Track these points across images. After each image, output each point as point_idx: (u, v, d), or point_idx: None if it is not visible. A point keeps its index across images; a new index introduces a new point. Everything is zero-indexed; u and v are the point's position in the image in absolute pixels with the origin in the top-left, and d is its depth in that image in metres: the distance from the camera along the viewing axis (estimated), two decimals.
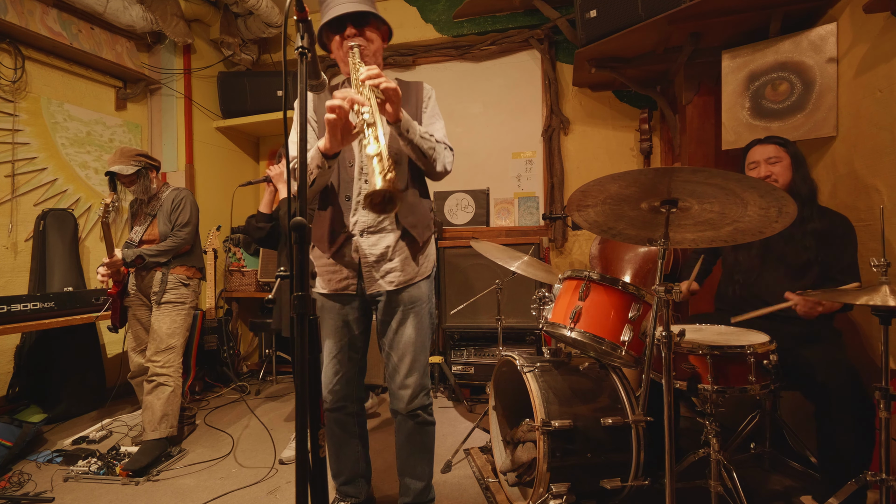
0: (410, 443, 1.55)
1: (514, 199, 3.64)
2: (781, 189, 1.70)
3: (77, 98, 3.12)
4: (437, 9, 3.62)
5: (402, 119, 1.32)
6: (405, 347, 1.49)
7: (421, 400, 1.50)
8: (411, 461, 1.56)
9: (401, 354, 1.49)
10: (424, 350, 1.53)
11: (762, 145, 1.85)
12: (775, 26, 2.27)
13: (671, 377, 1.20)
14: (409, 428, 1.53)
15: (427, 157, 1.42)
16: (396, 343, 1.50)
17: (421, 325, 1.51)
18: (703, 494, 1.47)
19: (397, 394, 1.50)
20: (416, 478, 1.56)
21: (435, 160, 1.44)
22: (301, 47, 0.89)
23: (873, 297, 1.20)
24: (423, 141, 1.39)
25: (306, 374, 0.80)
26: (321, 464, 0.85)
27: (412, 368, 1.49)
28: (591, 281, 1.57)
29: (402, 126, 1.33)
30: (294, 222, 0.81)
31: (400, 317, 1.49)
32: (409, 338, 1.49)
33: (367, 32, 1.44)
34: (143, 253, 2.24)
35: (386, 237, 1.48)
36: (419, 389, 1.50)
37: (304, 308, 0.82)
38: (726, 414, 2.29)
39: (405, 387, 1.49)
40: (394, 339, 1.51)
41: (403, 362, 1.49)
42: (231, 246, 3.82)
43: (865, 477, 1.29)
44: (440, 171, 1.48)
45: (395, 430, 1.57)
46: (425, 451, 1.57)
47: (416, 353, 1.50)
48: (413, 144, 1.38)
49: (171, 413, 2.25)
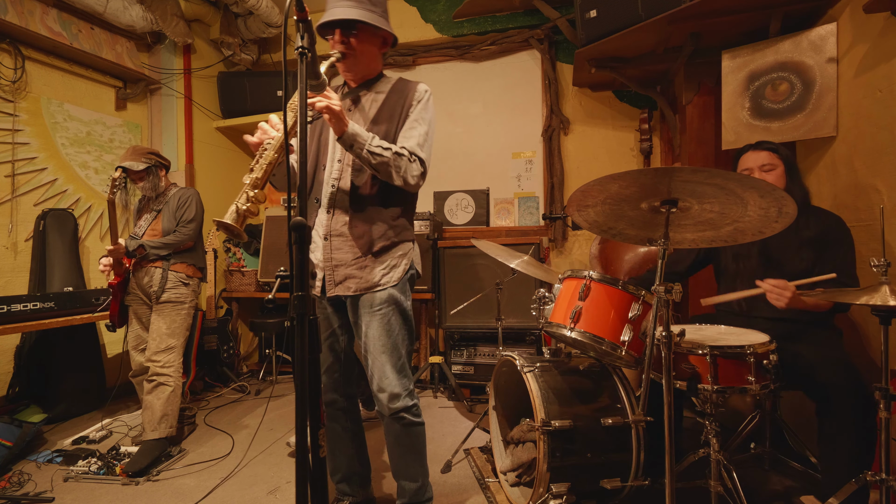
0: (399, 445, 1.54)
1: (514, 199, 3.64)
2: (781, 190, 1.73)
3: (77, 98, 3.12)
4: (437, 9, 3.62)
5: (344, 134, 1.33)
6: (375, 349, 1.47)
7: (403, 402, 1.48)
8: (403, 463, 1.56)
9: (372, 357, 1.48)
10: (396, 350, 1.48)
11: (754, 151, 1.81)
12: (775, 26, 2.27)
13: (671, 377, 1.20)
14: (396, 431, 1.51)
15: (377, 171, 1.41)
16: (367, 345, 1.49)
17: (389, 326, 1.48)
18: (703, 494, 1.47)
19: (378, 397, 1.49)
20: (409, 479, 1.56)
21: (389, 174, 1.41)
22: (301, 47, 0.89)
23: (873, 296, 1.20)
24: (371, 156, 1.37)
25: (306, 374, 0.80)
26: (321, 464, 0.85)
27: (384, 373, 1.47)
28: (592, 280, 1.57)
29: (345, 141, 1.34)
30: (294, 222, 0.81)
31: (366, 319, 1.48)
32: (378, 338, 1.47)
33: (352, 41, 1.43)
34: (145, 243, 2.25)
35: (345, 243, 1.49)
36: (397, 392, 1.47)
37: (304, 308, 0.82)
38: (726, 414, 2.29)
39: (381, 390, 1.47)
40: (365, 341, 1.49)
41: (376, 364, 1.47)
42: (231, 246, 3.82)
43: (865, 477, 1.29)
44: (399, 185, 1.44)
45: (385, 434, 1.56)
46: (416, 452, 1.56)
47: (388, 353, 1.47)
48: (361, 158, 1.38)
49: (171, 413, 2.25)
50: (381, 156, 1.38)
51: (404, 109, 1.51)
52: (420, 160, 1.46)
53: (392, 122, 1.50)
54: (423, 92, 1.54)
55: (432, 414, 2.74)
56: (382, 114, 1.51)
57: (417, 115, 1.51)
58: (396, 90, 1.54)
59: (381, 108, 1.51)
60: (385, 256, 1.51)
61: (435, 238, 3.16)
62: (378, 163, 1.38)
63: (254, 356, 3.99)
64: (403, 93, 1.53)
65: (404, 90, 1.53)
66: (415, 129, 1.49)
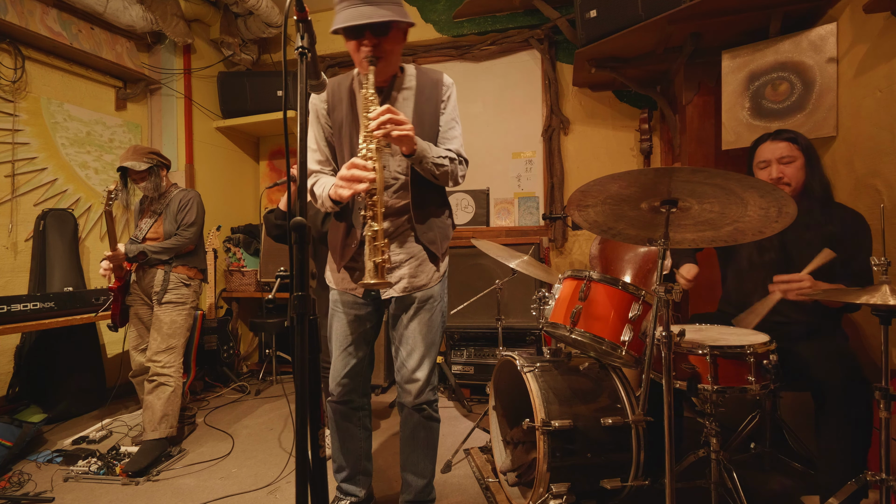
0: (414, 437, 1.56)
1: (514, 199, 3.64)
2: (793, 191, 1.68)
3: (77, 98, 3.12)
4: (437, 9, 3.62)
5: (415, 152, 1.33)
6: (415, 341, 1.50)
7: (427, 395, 1.52)
8: (414, 457, 1.57)
9: (410, 348, 1.50)
10: (434, 346, 1.53)
11: (773, 142, 1.72)
12: (775, 26, 2.27)
13: (671, 377, 1.20)
14: (415, 422, 1.54)
15: (438, 178, 1.45)
16: (406, 337, 1.51)
17: (431, 321, 1.53)
18: (703, 494, 1.47)
19: (405, 387, 1.51)
20: (417, 474, 1.57)
21: (447, 179, 1.47)
22: (301, 47, 0.89)
23: (873, 296, 1.20)
24: (436, 167, 1.40)
25: (306, 374, 0.80)
26: (321, 464, 0.85)
27: (421, 363, 1.50)
28: (592, 281, 1.57)
29: (416, 158, 1.35)
30: (294, 222, 0.81)
31: (411, 312, 1.51)
32: (419, 332, 1.50)
33: (386, 45, 1.34)
34: (146, 249, 2.25)
35: (406, 248, 1.50)
36: (426, 385, 1.51)
37: (304, 308, 0.82)
38: (726, 414, 2.29)
39: (413, 381, 1.50)
40: (404, 333, 1.52)
41: (412, 356, 1.50)
42: (231, 246, 3.82)
43: (865, 477, 1.29)
44: (452, 185, 1.52)
45: (401, 425, 1.59)
46: (429, 448, 1.57)
47: (426, 347, 1.51)
48: (424, 170, 1.41)
49: (172, 413, 2.25)
50: (444, 165, 1.42)
51: (436, 107, 1.51)
52: (465, 161, 1.53)
53: (428, 122, 1.49)
54: (450, 86, 1.54)
55: None
56: (419, 116, 1.48)
57: (451, 112, 1.52)
58: (423, 86, 1.51)
59: (416, 110, 1.49)
60: (444, 256, 1.58)
61: None
62: (441, 172, 1.42)
63: (254, 356, 3.99)
64: (432, 89, 1.51)
65: (432, 85, 1.51)
66: (454, 128, 1.52)
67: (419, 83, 1.51)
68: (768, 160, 1.72)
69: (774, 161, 1.70)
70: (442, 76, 1.54)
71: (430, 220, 1.52)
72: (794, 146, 1.70)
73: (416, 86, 1.51)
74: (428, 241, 1.51)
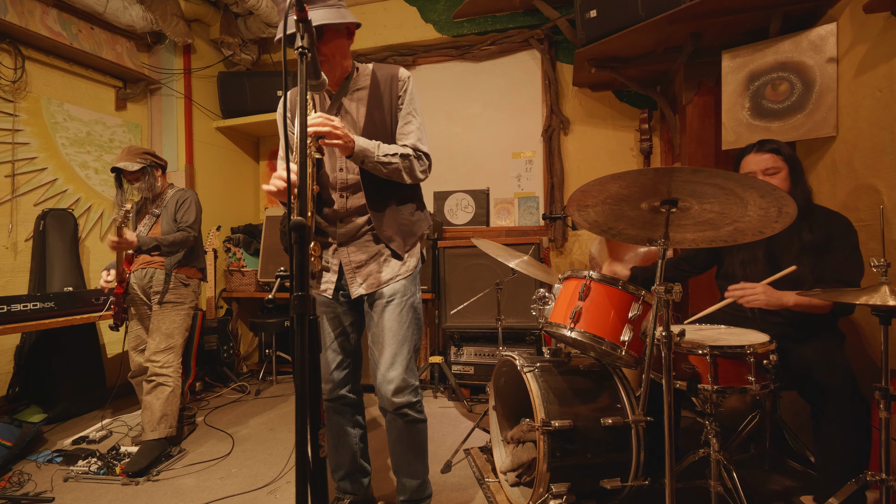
0: (402, 441, 1.52)
1: (514, 199, 3.64)
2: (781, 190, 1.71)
3: (77, 98, 3.12)
4: (437, 9, 3.62)
5: (354, 152, 1.33)
6: (384, 339, 1.46)
7: (407, 397, 1.46)
8: (404, 460, 1.55)
9: (381, 347, 1.47)
10: (406, 343, 1.48)
11: (757, 154, 1.76)
12: (775, 26, 2.27)
13: (671, 377, 1.20)
14: (399, 427, 1.50)
15: (390, 176, 1.43)
16: (377, 336, 1.49)
17: (401, 316, 1.48)
18: (703, 494, 1.47)
19: (381, 390, 1.47)
20: (411, 476, 1.55)
21: (402, 176, 1.44)
22: (301, 47, 0.89)
23: (873, 296, 1.20)
24: (382, 165, 1.39)
25: (306, 374, 0.80)
26: (321, 464, 0.85)
27: (393, 362, 1.45)
28: (592, 281, 1.57)
29: (356, 158, 1.35)
30: (294, 222, 0.81)
31: (380, 309, 1.49)
32: (388, 329, 1.46)
33: (322, 48, 1.36)
34: (159, 240, 2.25)
35: (367, 247, 1.50)
36: (402, 385, 1.45)
37: (304, 308, 0.82)
38: (726, 414, 2.29)
39: (387, 381, 1.45)
40: (374, 331, 1.50)
41: (384, 355, 1.46)
42: (231, 246, 3.82)
43: (865, 477, 1.29)
44: (411, 183, 1.49)
45: (386, 430, 1.55)
46: (418, 450, 1.55)
47: (397, 345, 1.46)
48: (372, 169, 1.40)
49: (171, 413, 2.25)
50: (391, 163, 1.40)
51: (392, 103, 1.48)
52: (424, 154, 1.49)
53: (384, 120, 1.48)
54: (406, 79, 1.50)
55: (432, 414, 2.73)
56: (372, 114, 1.48)
57: (408, 106, 1.49)
58: (376, 83, 1.49)
59: (369, 109, 1.48)
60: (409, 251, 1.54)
61: (435, 238, 3.16)
62: (390, 170, 1.41)
63: (254, 356, 3.99)
64: (385, 84, 1.48)
65: (385, 81, 1.49)
66: (410, 123, 1.49)
67: (373, 81, 1.49)
68: (753, 171, 1.75)
69: (759, 172, 1.74)
70: (398, 70, 1.50)
71: (389, 218, 1.49)
72: (778, 157, 1.73)
73: (369, 84, 1.49)
74: (387, 238, 1.49)
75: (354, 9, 3.76)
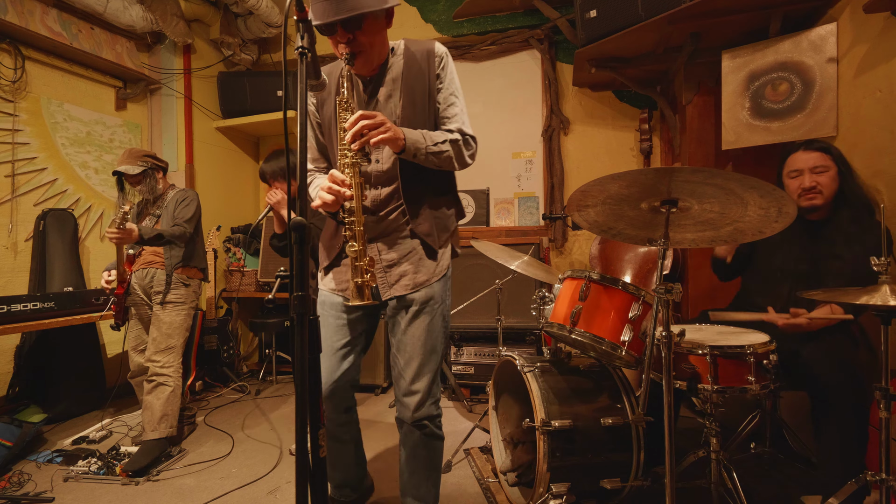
0: (415, 457, 1.42)
1: (514, 199, 3.64)
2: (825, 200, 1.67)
3: (77, 98, 3.12)
4: (437, 9, 3.62)
5: (405, 148, 1.24)
6: (413, 349, 1.36)
7: (428, 409, 1.37)
8: (414, 479, 1.44)
9: (408, 357, 1.37)
10: (435, 354, 1.39)
11: (806, 152, 1.71)
12: (775, 26, 2.27)
13: (671, 377, 1.20)
14: (415, 440, 1.40)
15: (442, 165, 1.34)
16: (404, 344, 1.38)
17: (432, 325, 1.38)
18: (703, 494, 1.47)
19: (403, 401, 1.38)
20: (419, 499, 1.44)
21: (452, 164, 1.35)
22: (301, 47, 0.89)
23: (873, 296, 1.20)
24: (434, 156, 1.30)
25: (306, 374, 0.80)
26: (321, 464, 0.85)
27: (420, 373, 1.36)
28: (592, 281, 1.57)
29: (408, 153, 1.26)
30: (294, 222, 0.81)
31: (410, 316, 1.37)
32: (418, 338, 1.36)
33: (361, 38, 1.24)
34: (161, 231, 2.23)
35: (401, 244, 1.38)
36: (426, 397, 1.36)
37: (304, 308, 0.82)
38: (726, 414, 2.29)
39: (411, 393, 1.36)
40: (402, 339, 1.38)
41: (410, 366, 1.36)
42: (231, 246, 3.82)
43: (865, 477, 1.29)
44: (460, 168, 1.40)
45: (400, 444, 1.46)
46: (431, 469, 1.44)
47: (426, 355, 1.37)
48: (423, 162, 1.30)
49: (171, 413, 2.25)
50: (444, 151, 1.31)
51: (431, 83, 1.37)
52: (471, 138, 1.39)
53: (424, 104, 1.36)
54: (444, 55, 1.38)
55: None
56: (412, 99, 1.35)
57: (449, 86, 1.38)
58: (411, 63, 1.36)
59: (408, 93, 1.35)
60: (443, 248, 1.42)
61: None
62: (441, 160, 1.32)
63: (254, 356, 3.99)
64: (422, 63, 1.36)
65: (422, 60, 1.37)
66: (454, 104, 1.38)
67: (408, 62, 1.36)
68: (800, 169, 1.72)
69: (807, 170, 1.70)
70: (434, 45, 1.38)
71: (425, 210, 1.38)
72: (826, 156, 1.70)
73: (403, 65, 1.36)
74: (423, 233, 1.37)
75: None
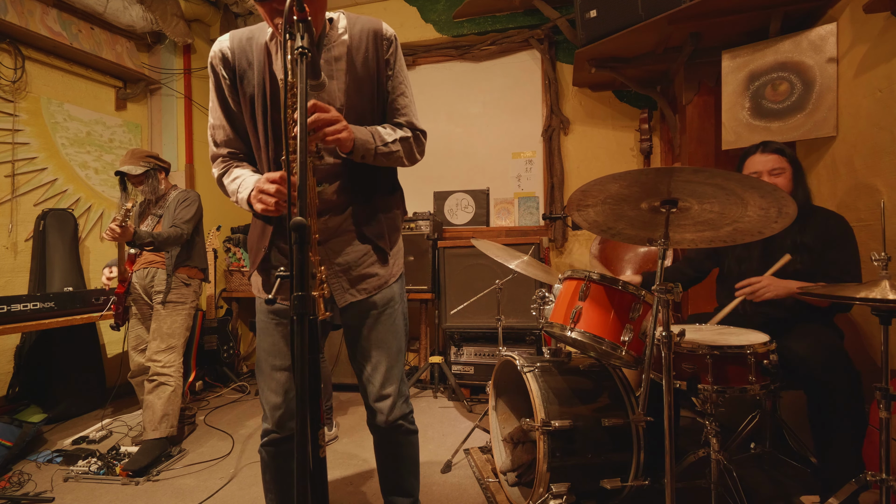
0: (396, 458, 1.41)
1: (514, 199, 3.64)
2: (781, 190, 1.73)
3: (77, 98, 3.12)
4: (437, 9, 3.62)
5: (354, 149, 1.14)
6: (379, 354, 1.31)
7: (401, 409, 1.34)
8: (397, 477, 1.42)
9: (375, 362, 1.31)
10: (400, 353, 1.36)
11: (763, 154, 1.77)
12: (775, 26, 2.27)
13: (671, 377, 1.20)
14: (394, 441, 1.38)
15: (391, 164, 1.26)
16: (368, 350, 1.32)
17: (395, 327, 1.33)
18: (703, 494, 1.47)
19: (375, 406, 1.32)
20: (404, 494, 1.42)
21: (402, 163, 1.27)
22: (301, 47, 0.89)
23: (873, 291, 1.19)
24: (384, 157, 1.21)
25: (306, 374, 0.80)
26: (321, 463, 0.85)
27: (388, 378, 1.31)
28: (592, 281, 1.57)
29: (356, 155, 1.16)
30: (294, 222, 0.81)
31: (371, 321, 1.31)
32: (383, 341, 1.32)
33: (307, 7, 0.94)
34: (154, 236, 2.22)
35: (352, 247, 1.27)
36: (398, 397, 1.33)
37: (304, 308, 0.82)
38: (726, 414, 2.29)
39: (383, 398, 1.31)
40: (365, 345, 1.32)
41: (379, 370, 1.31)
42: (231, 246, 3.82)
43: (865, 477, 1.29)
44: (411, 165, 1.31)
45: (376, 448, 1.42)
46: (412, 463, 1.43)
47: (392, 358, 1.32)
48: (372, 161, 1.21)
49: (172, 413, 2.25)
50: (393, 152, 1.22)
51: (379, 68, 1.23)
52: (421, 132, 1.31)
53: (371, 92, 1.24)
54: (393, 38, 1.25)
55: (432, 414, 2.74)
56: (357, 87, 1.21)
57: (399, 74, 1.26)
58: (358, 45, 1.21)
59: (351, 78, 1.20)
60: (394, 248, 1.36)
61: (435, 238, 3.16)
62: (391, 160, 1.24)
63: (254, 356, 3.98)
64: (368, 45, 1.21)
65: (367, 40, 1.21)
66: (404, 94, 1.28)
67: (352, 41, 1.20)
68: (759, 171, 1.77)
69: (765, 173, 1.75)
70: (381, 25, 1.23)
71: (376, 212, 1.29)
72: (783, 158, 1.76)
73: (347, 44, 1.20)
74: (375, 235, 1.28)
75: (354, 9, 3.76)
